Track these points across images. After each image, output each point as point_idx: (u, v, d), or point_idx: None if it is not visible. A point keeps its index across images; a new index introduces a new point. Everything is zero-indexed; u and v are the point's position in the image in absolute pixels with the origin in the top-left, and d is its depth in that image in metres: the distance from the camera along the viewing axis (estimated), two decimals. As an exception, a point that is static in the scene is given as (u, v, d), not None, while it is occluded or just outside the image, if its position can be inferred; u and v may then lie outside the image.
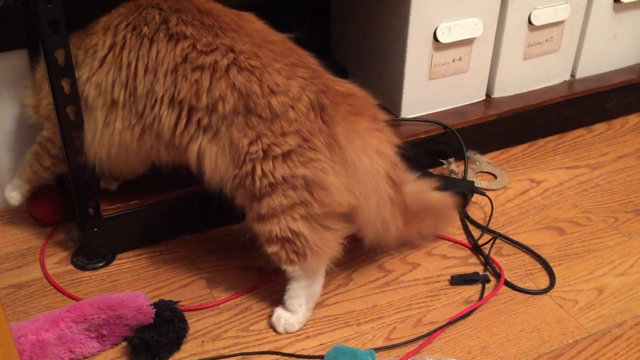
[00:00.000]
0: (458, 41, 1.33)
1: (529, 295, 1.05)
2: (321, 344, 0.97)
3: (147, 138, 0.96)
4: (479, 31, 1.33)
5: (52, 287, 1.07)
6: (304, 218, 0.91)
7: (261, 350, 0.96)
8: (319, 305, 1.04)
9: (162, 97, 0.92)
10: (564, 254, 1.14)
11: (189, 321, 0.98)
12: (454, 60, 1.36)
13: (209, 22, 0.92)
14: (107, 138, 0.97)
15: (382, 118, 0.98)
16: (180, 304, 1.00)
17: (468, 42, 1.35)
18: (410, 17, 1.26)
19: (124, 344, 0.95)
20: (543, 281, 1.09)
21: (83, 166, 1.02)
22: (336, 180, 0.91)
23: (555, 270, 1.10)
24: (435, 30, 1.29)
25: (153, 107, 0.93)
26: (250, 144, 0.89)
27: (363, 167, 0.92)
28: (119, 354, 0.95)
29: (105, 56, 0.95)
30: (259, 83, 0.89)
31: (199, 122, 0.92)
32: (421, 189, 1.11)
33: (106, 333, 0.93)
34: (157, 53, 0.92)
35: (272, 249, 0.95)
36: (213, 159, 0.93)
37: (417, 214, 1.07)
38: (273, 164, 0.89)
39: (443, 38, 1.30)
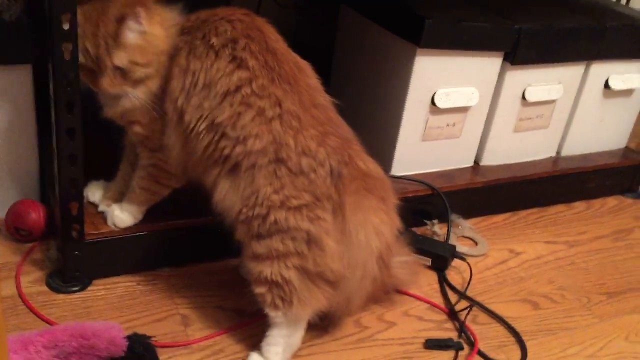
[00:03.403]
0: (454, 107, 1.37)
1: (491, 368, 1.07)
2: (291, 396, 0.96)
3: (188, 151, 0.99)
4: (474, 100, 1.38)
5: (24, 307, 1.05)
6: (296, 269, 0.93)
7: (230, 396, 0.95)
8: (292, 355, 1.03)
9: (207, 116, 0.94)
10: (537, 329, 1.16)
11: (160, 358, 0.97)
12: (447, 125, 1.40)
13: (271, 63, 0.94)
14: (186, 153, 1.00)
15: (391, 201, 1.00)
16: (153, 339, 0.99)
17: (463, 109, 1.39)
18: (411, 79, 1.30)
19: (92, 374, 0.93)
20: (515, 354, 1.10)
21: (71, 189, 1.02)
22: (333, 245, 0.92)
23: (527, 344, 1.11)
24: (433, 95, 1.33)
25: (197, 123, 0.95)
26: (275, 192, 0.92)
27: (358, 241, 0.94)
28: (86, 384, 0.93)
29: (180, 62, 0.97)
30: (294, 140, 0.92)
31: (223, 149, 0.94)
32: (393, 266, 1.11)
33: (76, 362, 0.92)
34: (217, 70, 0.93)
35: (259, 289, 0.96)
36: (223, 192, 0.96)
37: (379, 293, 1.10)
38: (285, 214, 0.92)
39: (440, 103, 1.34)
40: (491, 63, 1.37)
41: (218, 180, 0.96)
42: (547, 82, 1.45)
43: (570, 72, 1.47)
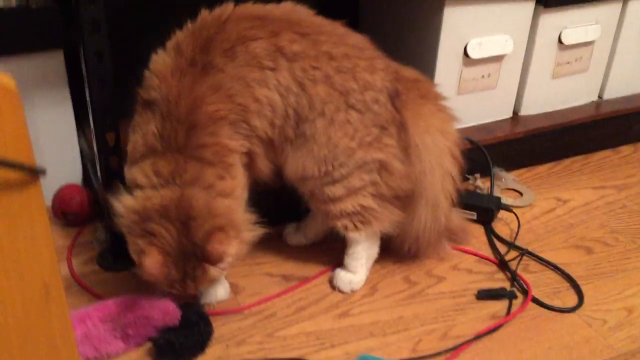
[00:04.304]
0: (488, 57, 1.33)
1: (557, 313, 1.04)
2: (346, 353, 0.96)
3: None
4: (509, 48, 1.34)
5: (78, 287, 1.07)
6: (372, 195, 1.00)
7: (286, 357, 0.95)
8: (344, 314, 1.03)
9: (289, 113, 0.96)
10: (592, 273, 1.13)
11: (213, 325, 0.98)
12: (482, 77, 1.36)
13: (302, 30, 0.95)
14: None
15: (443, 99, 1.06)
16: (205, 307, 1.00)
17: (498, 58, 1.35)
18: (442, 31, 1.27)
19: (148, 344, 0.95)
20: (571, 299, 1.07)
21: (111, 170, 1.03)
22: (400, 167, 1.00)
23: (583, 289, 1.08)
24: (466, 46, 1.30)
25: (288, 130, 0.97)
26: (351, 139, 0.96)
27: (426, 148, 1.00)
28: (144, 354, 0.94)
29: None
30: (354, 81, 0.96)
31: (305, 131, 0.96)
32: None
33: (132, 333, 0.93)
34: (284, 78, 0.93)
35: (340, 222, 1.02)
36: (296, 163, 0.98)
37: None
38: (362, 153, 0.97)
39: (473, 53, 1.30)
40: (523, 8, 1.32)
41: (287, 157, 0.98)
42: (584, 23, 1.40)
43: (606, 11, 1.42)
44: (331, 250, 1.13)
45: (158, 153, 0.91)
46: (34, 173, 0.43)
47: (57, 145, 1.22)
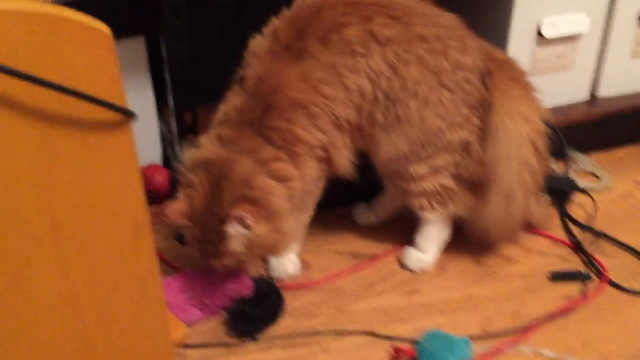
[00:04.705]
0: (563, 37, 1.29)
1: (634, 297, 1.01)
2: (415, 329, 0.97)
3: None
4: (585, 27, 1.30)
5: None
6: (453, 176, 1.01)
7: (355, 330, 0.97)
8: (412, 292, 1.04)
9: (379, 98, 0.96)
10: (673, 258, 1.09)
11: (284, 298, 1.01)
12: (557, 57, 1.33)
13: (394, 14, 0.95)
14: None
15: (533, 87, 1.04)
16: (276, 280, 1.04)
17: (573, 38, 1.31)
18: (514, 9, 1.24)
19: (224, 314, 0.99)
20: (650, 283, 1.04)
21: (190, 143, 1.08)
22: (478, 150, 0.99)
23: (663, 272, 1.05)
24: (539, 25, 1.27)
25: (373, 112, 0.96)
26: (441, 119, 0.96)
27: (506, 132, 0.97)
28: (219, 323, 0.99)
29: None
30: (446, 60, 0.96)
31: (397, 113, 0.96)
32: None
33: (208, 302, 0.98)
34: (376, 64, 0.94)
35: (418, 201, 1.04)
36: (389, 147, 0.98)
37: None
38: (450, 134, 0.98)
39: (547, 33, 1.27)
40: (601, -16, 1.28)
41: (378, 141, 0.98)
42: (667, -1, 1.34)
43: (693, -14, 1.35)
44: (399, 230, 1.14)
45: (231, 123, 0.94)
46: (127, 114, 0.47)
47: (138, 126, 1.27)
